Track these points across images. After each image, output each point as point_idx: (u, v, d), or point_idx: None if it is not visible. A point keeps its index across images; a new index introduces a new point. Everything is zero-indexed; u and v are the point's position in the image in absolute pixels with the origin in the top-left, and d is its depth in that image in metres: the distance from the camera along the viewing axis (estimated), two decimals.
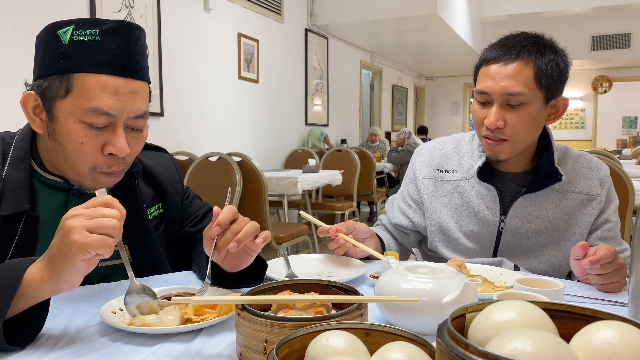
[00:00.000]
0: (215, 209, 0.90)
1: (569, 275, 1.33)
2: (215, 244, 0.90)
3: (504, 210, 1.29)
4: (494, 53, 1.21)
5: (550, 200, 1.27)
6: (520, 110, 1.19)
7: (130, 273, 0.85)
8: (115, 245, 0.76)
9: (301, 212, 1.21)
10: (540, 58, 1.17)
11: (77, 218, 0.75)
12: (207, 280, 0.90)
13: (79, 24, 0.92)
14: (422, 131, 10.09)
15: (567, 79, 1.24)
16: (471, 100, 1.29)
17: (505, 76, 1.18)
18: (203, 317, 0.81)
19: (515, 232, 1.28)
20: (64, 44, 0.91)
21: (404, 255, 1.47)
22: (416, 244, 1.47)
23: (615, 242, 1.29)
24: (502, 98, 1.18)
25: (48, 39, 0.93)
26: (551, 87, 1.19)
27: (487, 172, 1.30)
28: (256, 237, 0.91)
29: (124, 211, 0.78)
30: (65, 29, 0.91)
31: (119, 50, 0.93)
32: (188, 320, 0.81)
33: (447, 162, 1.38)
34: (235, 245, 0.87)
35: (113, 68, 0.92)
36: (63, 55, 0.91)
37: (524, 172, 1.30)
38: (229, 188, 1.60)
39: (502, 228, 1.29)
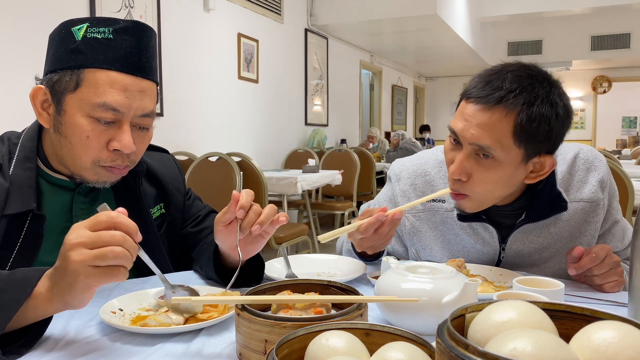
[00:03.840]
0: (235, 193, 0.92)
1: None
2: (240, 225, 0.92)
3: (503, 239, 1.17)
4: (477, 90, 0.98)
5: (550, 217, 1.15)
6: (489, 166, 0.99)
7: (159, 273, 0.84)
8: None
9: (319, 237, 1.00)
10: (526, 110, 0.94)
11: (78, 250, 0.68)
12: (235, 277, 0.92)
13: (93, 21, 0.93)
14: (424, 129, 10.10)
15: (565, 134, 1.02)
16: None
17: (479, 124, 0.96)
18: (209, 315, 0.82)
19: (517, 253, 1.18)
20: (77, 40, 0.92)
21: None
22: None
23: (627, 234, 1.22)
24: (471, 147, 0.99)
25: (62, 35, 0.94)
26: (535, 146, 0.98)
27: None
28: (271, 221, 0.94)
29: (132, 225, 0.72)
30: (79, 26, 0.93)
31: (131, 49, 0.94)
32: (188, 320, 0.81)
33: (433, 191, 1.21)
34: (259, 227, 0.90)
35: (124, 65, 0.93)
36: (75, 51, 0.92)
37: (518, 199, 1.13)
38: (241, 172, 1.58)
39: (502, 257, 1.19)
